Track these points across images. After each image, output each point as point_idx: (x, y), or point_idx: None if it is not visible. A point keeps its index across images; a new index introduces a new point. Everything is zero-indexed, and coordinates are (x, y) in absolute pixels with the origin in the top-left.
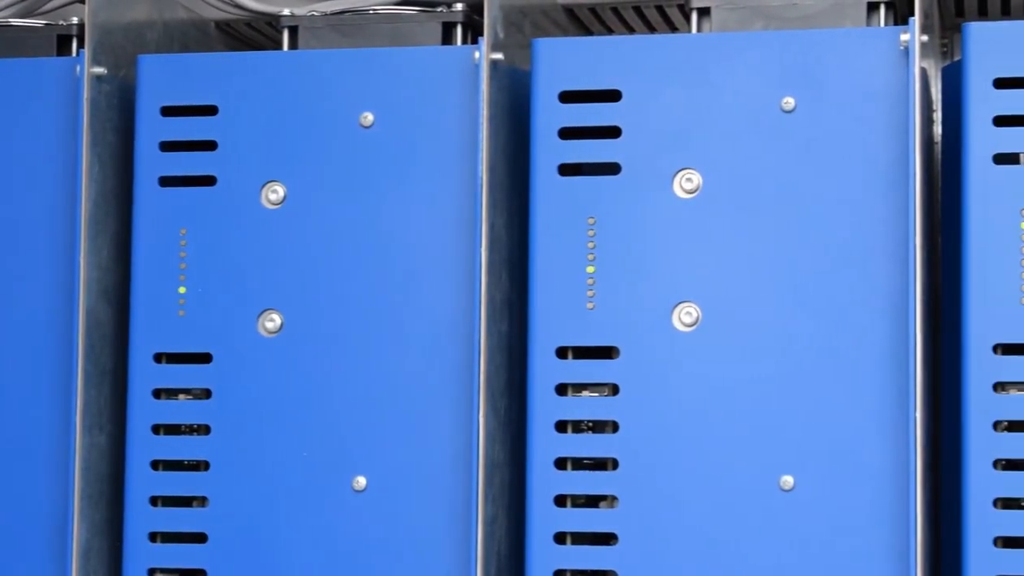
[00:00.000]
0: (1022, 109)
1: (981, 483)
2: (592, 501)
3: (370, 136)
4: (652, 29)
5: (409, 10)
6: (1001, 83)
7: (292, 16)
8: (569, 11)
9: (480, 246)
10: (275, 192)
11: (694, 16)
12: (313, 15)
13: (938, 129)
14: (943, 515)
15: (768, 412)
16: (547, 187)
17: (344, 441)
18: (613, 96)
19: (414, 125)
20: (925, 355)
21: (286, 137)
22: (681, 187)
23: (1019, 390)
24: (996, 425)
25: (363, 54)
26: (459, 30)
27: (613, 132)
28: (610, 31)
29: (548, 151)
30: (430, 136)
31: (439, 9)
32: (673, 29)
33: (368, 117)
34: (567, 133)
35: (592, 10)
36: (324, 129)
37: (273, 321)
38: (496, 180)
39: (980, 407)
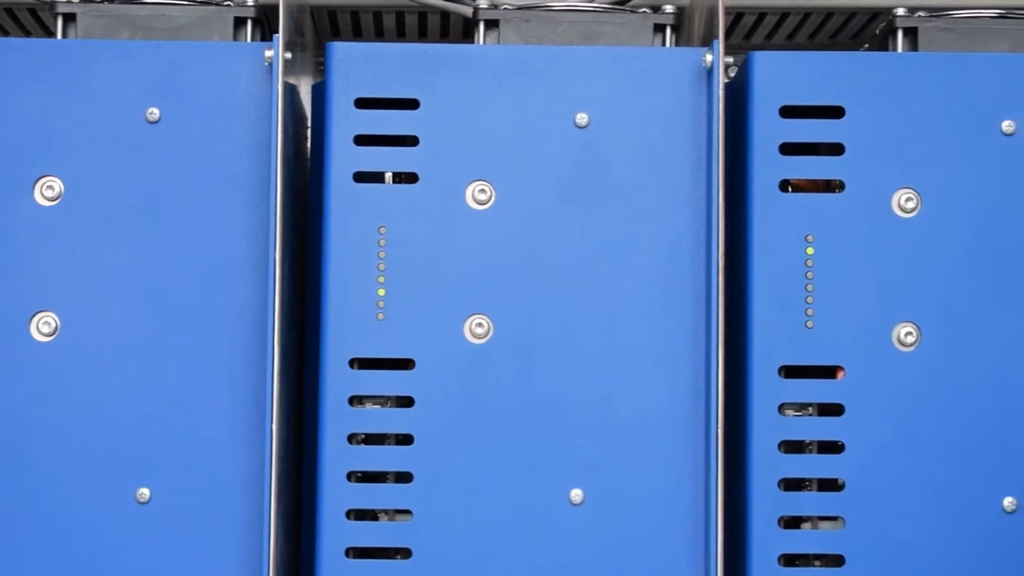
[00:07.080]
0: (377, 129)
1: (335, 494)
2: None
3: None
4: (50, 33)
5: None
6: (362, 103)
7: None
8: None
9: None
10: None
11: (59, 21)
12: None
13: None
14: (304, 525)
15: (126, 423)
16: None
17: None
18: None
19: None
20: (286, 367)
21: None
22: (42, 195)
23: (375, 404)
24: (351, 438)
25: None
26: None
27: None
28: (5, 33)
29: None
30: None
31: None
32: (50, 34)
33: None
34: None
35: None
36: None
37: None
38: None
39: (335, 420)
